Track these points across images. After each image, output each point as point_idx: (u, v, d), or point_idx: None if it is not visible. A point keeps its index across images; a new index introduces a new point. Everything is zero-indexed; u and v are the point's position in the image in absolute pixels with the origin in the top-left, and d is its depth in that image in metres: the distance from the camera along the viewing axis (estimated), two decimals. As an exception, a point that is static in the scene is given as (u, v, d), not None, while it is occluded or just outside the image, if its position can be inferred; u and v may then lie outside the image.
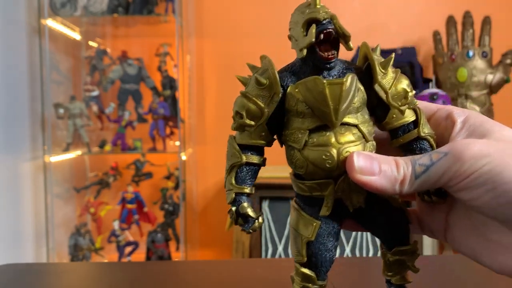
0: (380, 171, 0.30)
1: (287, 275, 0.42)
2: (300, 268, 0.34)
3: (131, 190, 1.85)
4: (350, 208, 0.33)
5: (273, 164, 0.64)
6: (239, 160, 0.33)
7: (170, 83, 1.86)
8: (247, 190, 0.33)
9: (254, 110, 0.32)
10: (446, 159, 0.30)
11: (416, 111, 0.34)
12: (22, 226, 1.68)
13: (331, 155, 0.31)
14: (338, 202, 0.33)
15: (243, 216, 0.33)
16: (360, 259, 1.00)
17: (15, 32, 1.68)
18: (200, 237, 2.03)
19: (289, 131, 0.33)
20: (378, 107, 0.33)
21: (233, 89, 0.63)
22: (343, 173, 0.32)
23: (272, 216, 1.58)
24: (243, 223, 0.33)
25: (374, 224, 0.35)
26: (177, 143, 1.85)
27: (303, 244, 0.34)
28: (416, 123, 0.33)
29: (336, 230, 0.34)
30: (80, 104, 1.81)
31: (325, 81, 0.31)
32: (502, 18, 1.89)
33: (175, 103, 1.85)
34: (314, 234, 0.33)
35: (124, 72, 1.85)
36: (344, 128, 0.32)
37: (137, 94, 1.88)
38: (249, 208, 0.33)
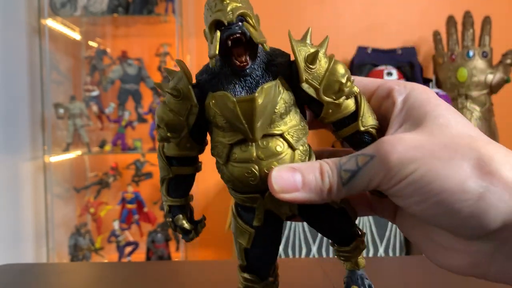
0: (303, 184, 0.28)
1: (287, 275, 0.42)
2: (241, 273, 0.34)
3: (131, 190, 1.85)
4: (283, 217, 0.32)
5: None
6: (167, 174, 0.32)
7: (170, 83, 1.86)
8: (179, 202, 0.33)
9: (173, 122, 0.30)
10: (372, 163, 0.27)
11: (357, 99, 0.31)
12: (22, 226, 1.68)
13: (253, 172, 0.29)
14: (271, 211, 0.32)
15: (180, 228, 0.33)
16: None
17: (15, 32, 1.68)
18: (200, 237, 2.03)
19: (213, 144, 0.31)
20: (311, 103, 0.31)
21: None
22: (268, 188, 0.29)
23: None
24: (182, 234, 0.33)
25: (316, 224, 0.34)
26: (177, 143, 1.84)
27: (241, 250, 0.33)
28: (356, 114, 0.31)
29: (274, 234, 0.33)
30: (80, 104, 1.81)
31: (235, 99, 0.28)
32: (502, 18, 1.89)
33: (175, 103, 1.85)
34: (249, 243, 0.32)
35: (124, 72, 1.85)
36: (266, 140, 0.29)
37: (137, 94, 1.88)
38: (184, 220, 0.33)
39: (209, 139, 0.32)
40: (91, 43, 2.01)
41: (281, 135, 0.29)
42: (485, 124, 1.74)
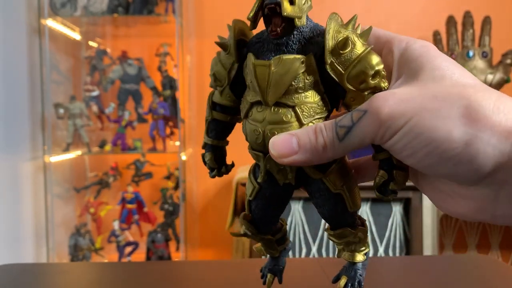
0: (299, 146, 0.30)
1: (287, 275, 0.42)
2: (243, 221, 0.37)
3: (131, 190, 1.85)
4: (280, 182, 0.34)
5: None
6: (209, 116, 0.36)
7: (170, 83, 1.86)
8: (211, 142, 0.37)
9: (219, 73, 0.34)
10: (365, 118, 0.28)
11: None
12: (22, 226, 1.68)
13: (260, 133, 0.32)
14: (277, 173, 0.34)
15: (206, 163, 0.37)
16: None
17: (15, 32, 1.68)
18: (200, 237, 2.03)
19: (242, 99, 0.34)
20: (337, 86, 0.31)
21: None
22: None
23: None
24: (209, 169, 0.38)
25: (313, 200, 0.35)
26: (177, 143, 1.85)
27: (247, 201, 0.37)
28: None
29: (275, 196, 0.36)
30: (80, 104, 1.81)
31: (253, 61, 0.31)
32: (502, 18, 1.89)
33: (175, 103, 1.85)
34: (252, 195, 0.36)
35: (124, 72, 1.85)
36: (278, 108, 0.31)
37: (137, 94, 1.88)
38: (210, 158, 0.37)
39: None
40: (91, 43, 2.01)
41: (293, 107, 0.31)
42: (485, 124, 1.73)
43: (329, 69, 0.31)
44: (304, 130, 0.30)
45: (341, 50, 0.30)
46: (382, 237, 1.54)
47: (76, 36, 1.97)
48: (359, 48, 0.30)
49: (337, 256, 0.38)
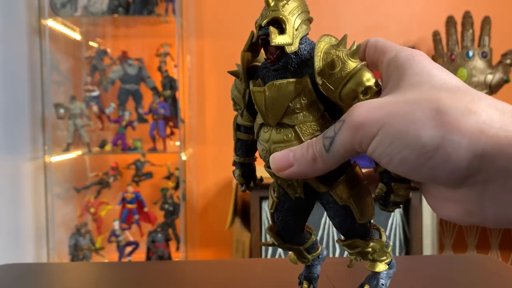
0: (294, 160, 0.31)
1: (287, 275, 0.42)
2: (269, 232, 0.39)
3: (131, 190, 1.85)
4: (292, 196, 0.36)
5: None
6: (234, 136, 0.40)
7: (170, 83, 1.86)
8: (238, 159, 0.40)
9: (237, 97, 0.37)
10: (343, 127, 0.29)
11: None
12: (23, 226, 1.68)
13: (266, 152, 0.34)
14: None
15: (236, 178, 0.40)
16: (360, 259, 0.99)
17: (16, 32, 1.69)
18: (200, 237, 2.03)
19: (255, 121, 0.37)
20: (334, 103, 0.33)
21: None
22: None
23: (272, 216, 1.58)
24: (240, 184, 0.40)
25: (327, 213, 0.36)
26: (177, 143, 1.85)
27: (270, 214, 0.39)
28: None
29: (296, 209, 0.37)
30: (81, 104, 1.81)
31: (251, 88, 0.34)
32: (502, 18, 1.89)
33: (175, 103, 1.85)
34: (273, 208, 0.38)
35: (125, 72, 1.86)
36: (280, 128, 0.33)
37: (138, 94, 1.88)
38: (238, 174, 0.40)
39: None
40: (91, 43, 2.01)
41: (293, 127, 0.33)
42: (485, 124, 1.73)
43: (321, 89, 0.32)
44: (300, 145, 0.32)
45: (331, 70, 0.31)
46: (382, 237, 1.54)
47: (76, 36, 1.97)
48: (349, 66, 0.31)
49: (348, 266, 0.39)
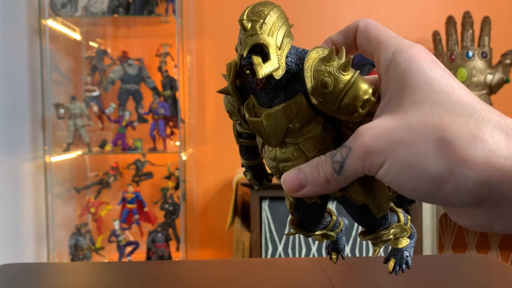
0: (307, 181, 0.31)
1: (287, 275, 0.42)
2: (291, 226, 0.39)
3: (132, 190, 1.85)
4: (308, 201, 0.36)
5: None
6: (237, 143, 0.39)
7: (170, 83, 1.86)
8: (246, 163, 0.40)
9: (232, 111, 0.36)
10: (351, 155, 0.29)
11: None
12: (23, 226, 1.68)
13: (276, 170, 0.34)
14: None
15: (249, 180, 0.41)
16: (360, 259, 1.00)
17: (16, 32, 1.69)
18: (200, 237, 2.04)
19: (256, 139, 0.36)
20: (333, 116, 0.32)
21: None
22: None
23: (272, 216, 1.58)
24: (253, 185, 0.41)
25: (346, 211, 0.36)
26: (178, 143, 1.85)
27: (289, 211, 0.39)
28: None
29: (313, 207, 0.37)
30: (81, 104, 1.81)
31: (248, 118, 0.33)
32: (502, 18, 1.89)
33: (176, 103, 1.85)
34: (292, 208, 0.37)
35: (125, 72, 1.86)
36: (284, 147, 0.33)
37: (138, 94, 1.88)
38: (250, 176, 0.40)
39: None
40: (91, 43, 2.01)
41: (296, 144, 0.33)
42: (485, 124, 1.74)
43: (318, 107, 0.31)
44: (309, 165, 0.32)
45: (324, 89, 0.30)
46: (382, 237, 1.54)
47: (76, 36, 1.97)
48: (342, 81, 0.30)
49: (372, 255, 0.40)
